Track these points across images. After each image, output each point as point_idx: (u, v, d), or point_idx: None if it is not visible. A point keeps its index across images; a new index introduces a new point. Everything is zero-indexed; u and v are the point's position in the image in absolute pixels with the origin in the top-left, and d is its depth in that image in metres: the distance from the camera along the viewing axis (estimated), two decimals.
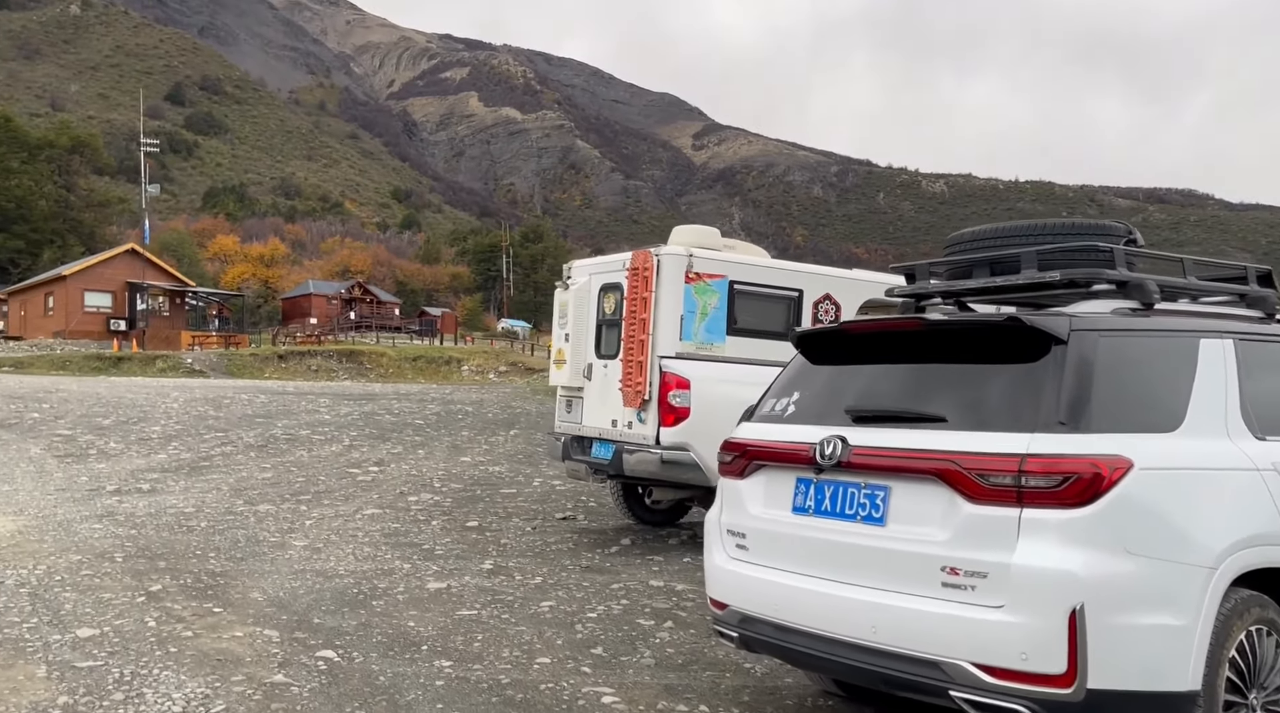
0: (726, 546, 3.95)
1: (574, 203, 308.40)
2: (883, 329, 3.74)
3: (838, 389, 3.75)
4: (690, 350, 7.37)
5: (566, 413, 8.43)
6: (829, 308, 7.89)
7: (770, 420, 3.94)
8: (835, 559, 3.40)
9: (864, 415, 3.49)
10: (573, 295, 8.24)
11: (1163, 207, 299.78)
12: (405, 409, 23.22)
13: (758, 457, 3.82)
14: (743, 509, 3.87)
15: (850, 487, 3.41)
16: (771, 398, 4.07)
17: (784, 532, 3.62)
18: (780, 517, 3.67)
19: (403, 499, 10.22)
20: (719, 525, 4.03)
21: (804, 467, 3.57)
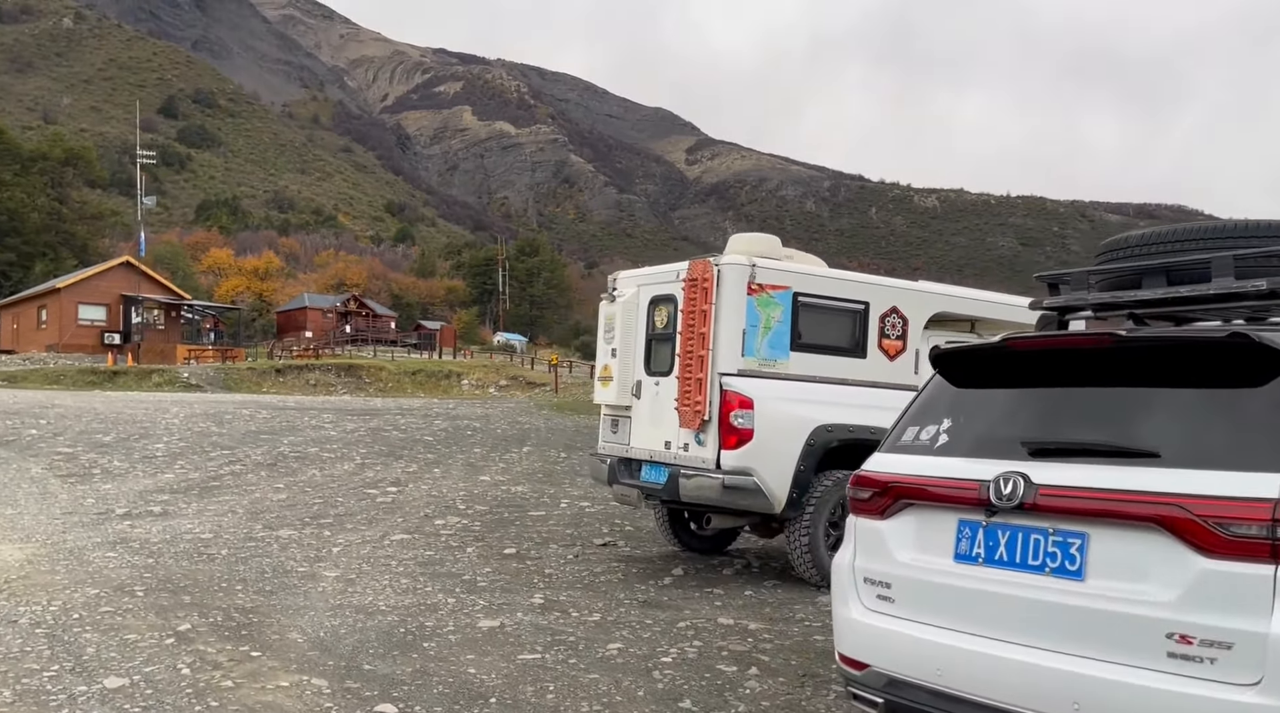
0: (864, 595, 3.45)
1: (568, 216, 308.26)
2: (1061, 346, 3.25)
3: (1004, 417, 3.27)
4: (753, 367, 6.89)
5: (612, 433, 7.94)
6: (896, 322, 7.42)
7: (915, 452, 3.45)
8: (1017, 618, 2.91)
9: (1046, 448, 3.00)
10: (620, 308, 7.76)
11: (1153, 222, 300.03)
12: (412, 425, 22.68)
13: (906, 494, 3.34)
14: (885, 554, 3.38)
15: (1033, 533, 2.93)
16: (910, 425, 3.59)
17: (944, 583, 3.13)
18: (938, 565, 3.18)
19: (429, 523, 9.70)
20: (852, 572, 3.54)
21: (970, 508, 3.09)
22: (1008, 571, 2.97)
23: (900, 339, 7.44)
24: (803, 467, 6.84)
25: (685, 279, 7.03)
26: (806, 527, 6.87)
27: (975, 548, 3.08)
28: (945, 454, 3.31)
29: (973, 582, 3.05)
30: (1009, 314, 8.18)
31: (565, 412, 30.79)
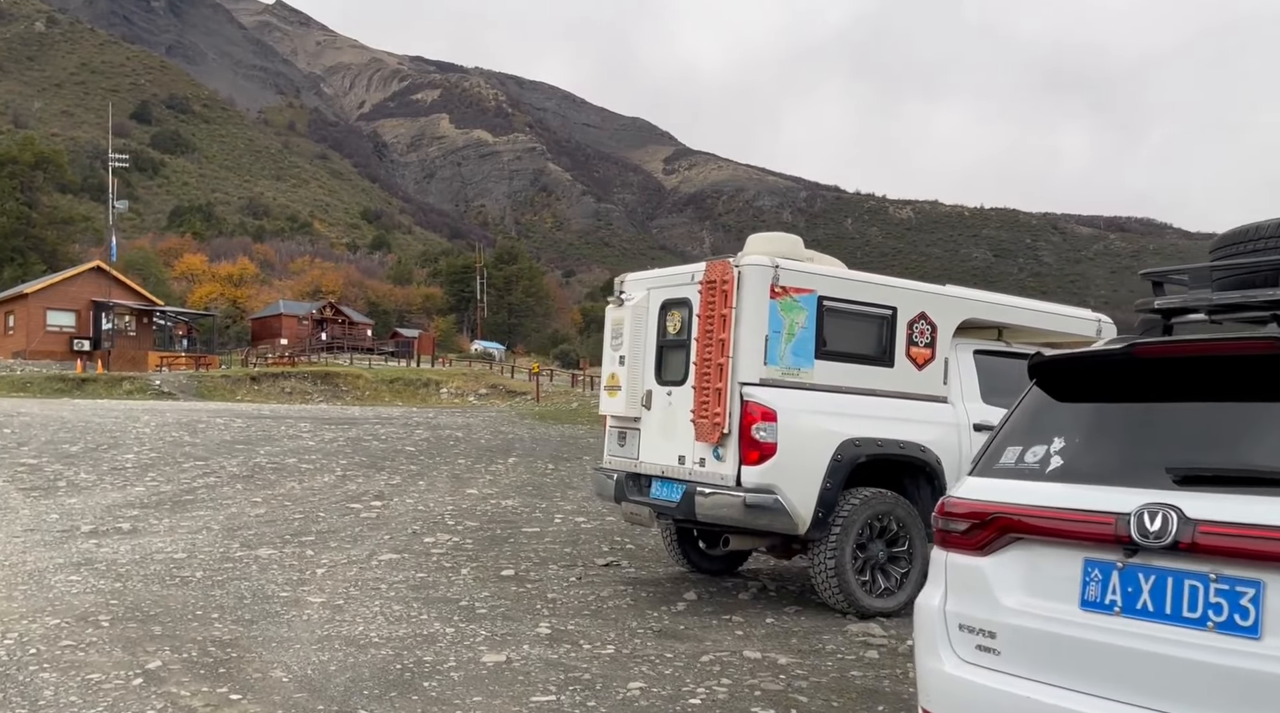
0: (958, 645, 2.95)
1: (545, 225, 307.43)
2: (1207, 353, 2.76)
3: (1137, 437, 2.78)
4: (775, 376, 6.40)
5: (619, 446, 7.41)
6: (924, 329, 6.96)
7: (1021, 476, 2.95)
8: (1167, 681, 2.42)
9: (1200, 476, 2.52)
10: (628, 313, 7.25)
11: (1123, 235, 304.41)
12: (392, 435, 22.04)
13: (1015, 528, 2.84)
14: (987, 598, 2.88)
15: (1188, 578, 2.45)
16: (1009, 444, 3.09)
17: (1067, 634, 2.64)
18: (1058, 612, 2.68)
19: (418, 541, 9.13)
20: (943, 616, 3.04)
21: (1101, 545, 2.60)
22: (1155, 623, 2.48)
23: (929, 347, 6.98)
24: (829, 484, 6.36)
25: (702, 281, 6.53)
26: (833, 549, 6.38)
27: (1109, 594, 2.58)
28: (1062, 480, 2.81)
29: (1106, 635, 2.56)
30: (1041, 321, 7.76)
31: (548, 421, 30.20)
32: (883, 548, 6.61)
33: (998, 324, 7.55)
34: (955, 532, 3.02)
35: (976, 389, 7.19)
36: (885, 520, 6.57)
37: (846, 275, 6.75)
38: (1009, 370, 7.49)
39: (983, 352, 7.39)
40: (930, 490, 6.82)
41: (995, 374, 7.36)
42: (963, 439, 6.95)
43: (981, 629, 2.87)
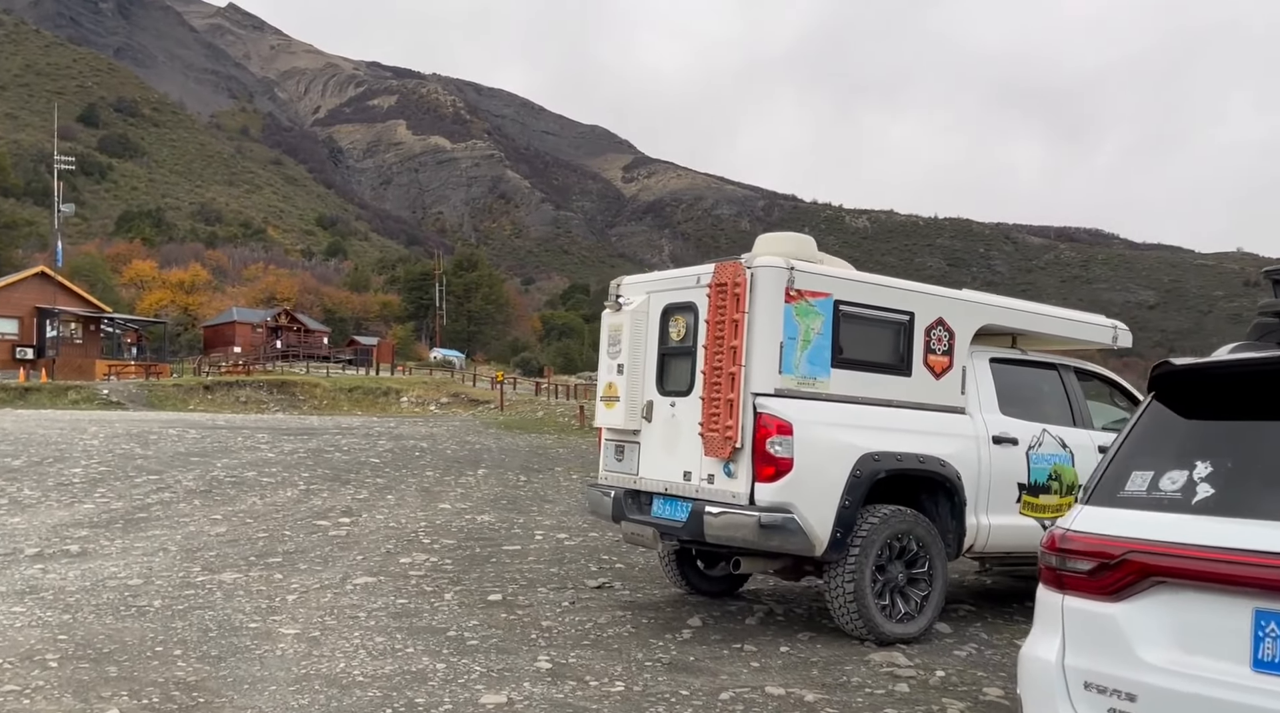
0: (1084, 706, 2.52)
1: (504, 232, 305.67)
2: None
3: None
4: (790, 386, 5.97)
5: (616, 461, 6.93)
6: (942, 335, 6.58)
7: (1160, 507, 2.53)
8: None
9: None
10: (628, 319, 6.78)
11: (1072, 245, 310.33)
12: (355, 446, 21.31)
13: (1158, 570, 2.42)
14: (1123, 653, 2.45)
15: None
16: (1138, 469, 2.66)
17: (1241, 702, 2.21)
18: (1226, 675, 2.26)
19: (394, 561, 8.55)
20: (1061, 672, 2.60)
21: (1275, 593, 2.19)
22: None
23: (947, 355, 6.59)
24: (847, 502, 5.94)
25: (711, 284, 6.08)
26: (851, 572, 5.95)
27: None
28: (1218, 514, 2.39)
29: None
30: (1057, 327, 7.43)
31: (514, 430, 29.57)
32: (902, 570, 6.20)
33: (1015, 330, 7.20)
34: (1076, 572, 2.59)
35: (994, 399, 6.83)
36: (905, 540, 6.16)
37: (863, 278, 6.35)
38: (1026, 380, 7.16)
39: (999, 360, 7.04)
40: (950, 507, 6.44)
41: (1012, 384, 7.01)
42: (982, 453, 6.58)
43: (1117, 690, 2.44)
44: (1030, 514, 6.80)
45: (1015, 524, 6.73)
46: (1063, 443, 6.99)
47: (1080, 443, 7.10)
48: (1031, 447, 6.82)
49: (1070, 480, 6.99)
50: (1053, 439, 6.95)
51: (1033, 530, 6.82)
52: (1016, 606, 7.65)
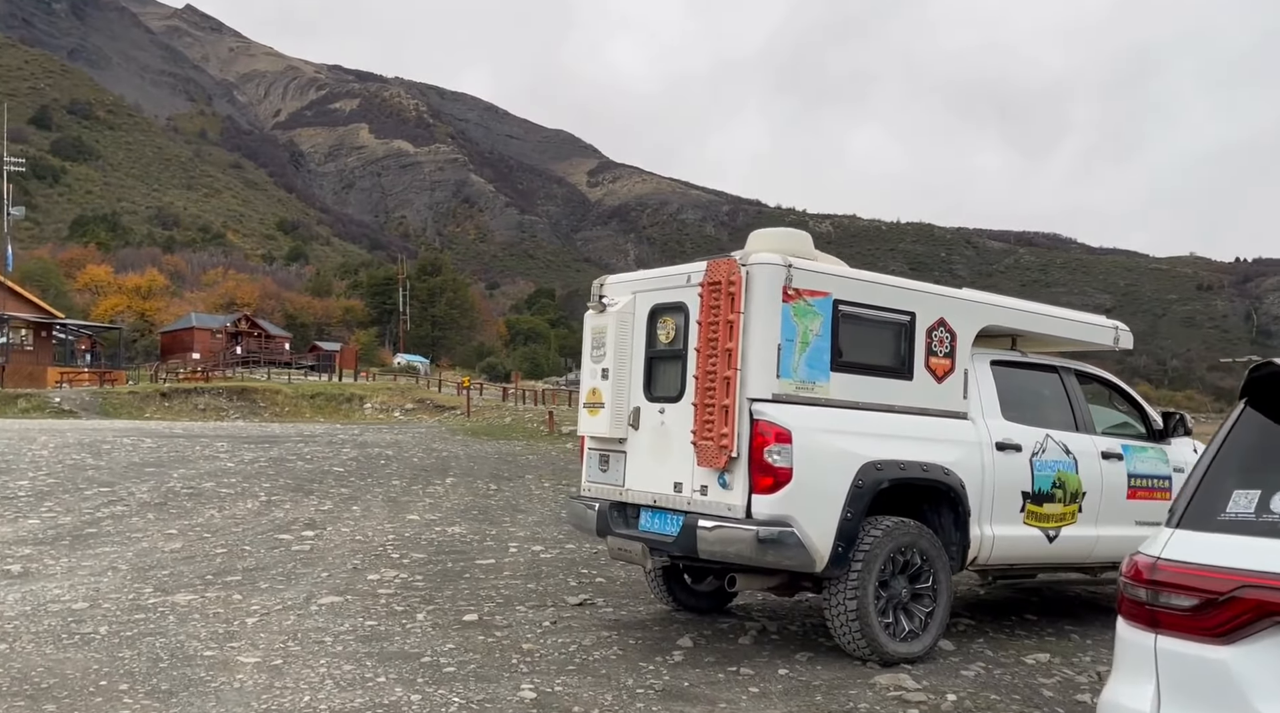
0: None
1: (468, 237, 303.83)
2: None
3: None
4: (788, 391, 5.61)
5: (600, 472, 6.53)
6: (944, 337, 6.26)
7: (1273, 533, 2.17)
8: None
9: None
10: (612, 321, 6.38)
11: (1032, 249, 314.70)
12: (318, 454, 20.70)
13: (1278, 609, 2.06)
14: (1235, 705, 2.09)
15: None
16: (1240, 487, 2.31)
17: None
18: None
19: (361, 578, 8.08)
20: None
21: None
22: None
23: (948, 357, 6.27)
24: (849, 514, 5.58)
25: (703, 283, 5.71)
26: (854, 588, 5.60)
27: None
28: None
29: None
30: (1059, 328, 7.15)
31: (482, 437, 29.03)
32: (906, 585, 5.86)
33: (1016, 331, 6.91)
34: (1174, 609, 2.23)
35: (997, 404, 6.52)
36: (908, 554, 5.82)
37: (863, 277, 6.00)
38: (1028, 383, 6.87)
39: (1000, 362, 6.74)
40: (953, 518, 6.11)
41: (1014, 387, 6.72)
42: (985, 460, 6.27)
43: None
44: (1034, 524, 6.50)
45: (1019, 535, 6.42)
46: (1066, 449, 6.70)
47: (1084, 449, 6.82)
48: (1035, 454, 6.52)
49: (1074, 488, 6.70)
50: (1056, 445, 6.66)
51: (1037, 541, 6.52)
52: (1015, 618, 7.36)
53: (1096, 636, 6.93)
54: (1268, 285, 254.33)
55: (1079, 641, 6.72)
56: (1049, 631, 7.04)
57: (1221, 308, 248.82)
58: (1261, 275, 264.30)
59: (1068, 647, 6.53)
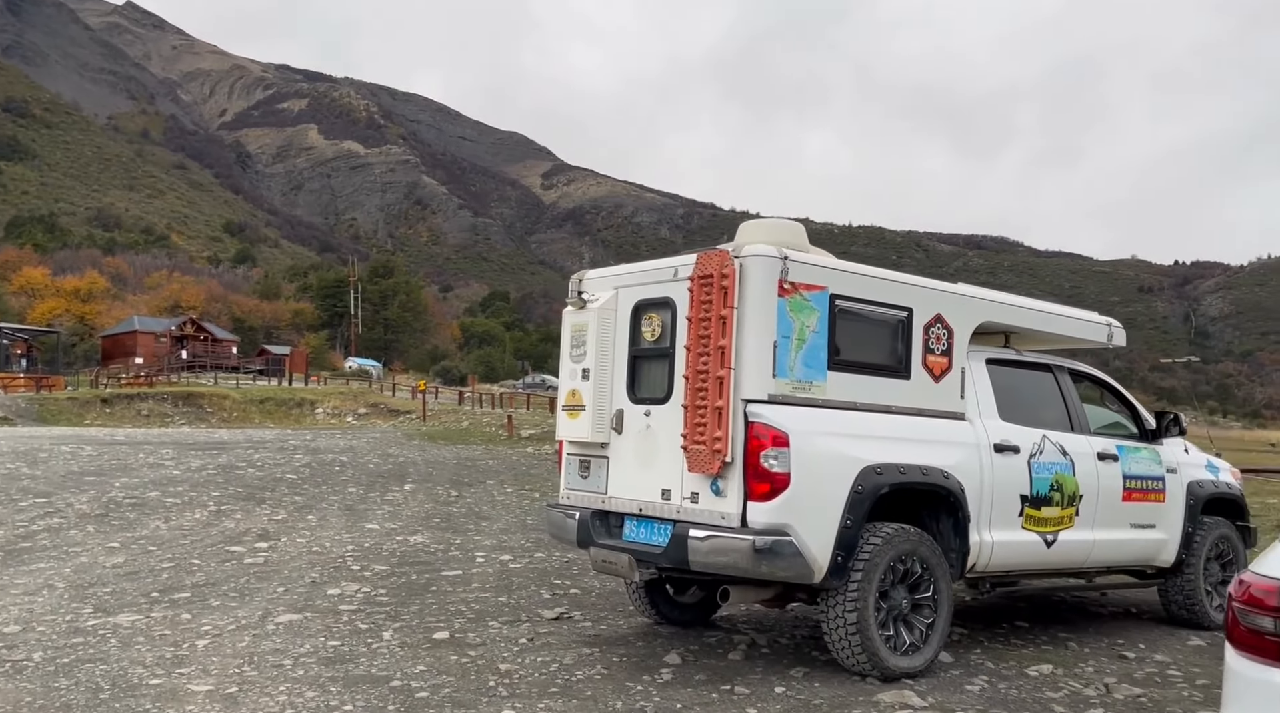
0: None
1: (421, 239, 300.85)
2: None
3: None
4: (785, 391, 5.28)
5: (580, 479, 6.14)
6: (941, 334, 5.98)
7: None
8: None
9: None
10: (593, 318, 6.01)
11: (980, 252, 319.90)
12: (269, 460, 20.01)
13: None
14: None
15: None
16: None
17: None
18: None
19: (321, 593, 7.60)
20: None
21: None
22: None
23: (945, 356, 6.00)
24: (849, 521, 5.27)
25: (693, 276, 5.35)
26: (854, 600, 5.28)
27: None
28: None
29: None
30: (1054, 325, 6.93)
31: (439, 441, 28.43)
32: (906, 595, 5.56)
33: (1011, 328, 6.66)
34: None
35: (993, 404, 6.26)
36: (908, 562, 5.52)
37: (861, 270, 5.70)
38: (1024, 382, 6.63)
39: (995, 361, 6.48)
40: (953, 523, 5.83)
41: (1010, 386, 6.47)
42: (984, 462, 6.00)
43: None
44: (1032, 529, 6.24)
45: (1018, 540, 6.17)
46: (1063, 450, 6.47)
47: (1080, 450, 6.60)
48: (1033, 455, 6.27)
49: (1071, 491, 6.46)
50: (1053, 446, 6.42)
51: (1035, 546, 6.27)
52: (1007, 626, 7.12)
53: (1092, 643, 6.71)
54: (1205, 287, 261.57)
55: (1077, 649, 6.48)
56: (1044, 638, 6.80)
57: (1161, 309, 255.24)
58: (1199, 278, 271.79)
59: (1067, 657, 6.29)
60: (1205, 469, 7.51)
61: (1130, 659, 6.26)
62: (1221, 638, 6.86)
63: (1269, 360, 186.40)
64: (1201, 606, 7.24)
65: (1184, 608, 7.28)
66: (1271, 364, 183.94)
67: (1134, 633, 7.13)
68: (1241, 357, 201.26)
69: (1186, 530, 7.19)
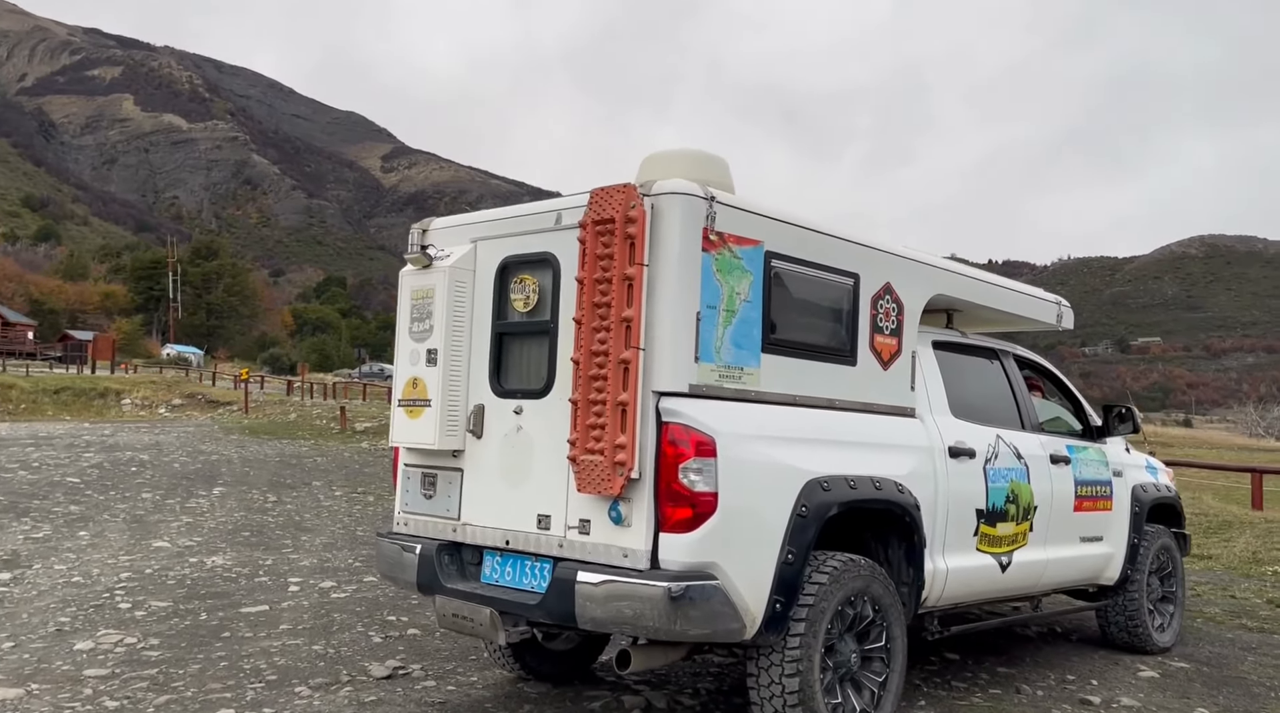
0: None
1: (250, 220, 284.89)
2: None
3: None
4: (710, 381, 3.87)
5: (424, 498, 4.55)
6: (890, 308, 4.71)
7: None
8: None
9: None
10: (442, 280, 4.42)
11: None
12: (49, 460, 17.18)
13: None
14: None
15: None
16: None
17: None
18: None
19: (63, 649, 5.67)
20: None
21: None
22: None
23: (895, 336, 4.75)
24: (790, 554, 3.93)
25: (586, 223, 3.85)
26: (795, 660, 3.94)
27: None
28: None
29: None
30: (1005, 301, 5.81)
31: (262, 436, 25.73)
32: (855, 648, 4.27)
33: (962, 304, 5.48)
34: None
35: (944, 397, 5.07)
36: (859, 604, 4.24)
37: (804, 221, 4.34)
38: (972, 371, 5.48)
39: (942, 344, 5.31)
40: (905, 550, 4.58)
41: (960, 376, 5.30)
42: (939, 470, 4.79)
43: None
44: (986, 550, 5.10)
45: (974, 565, 5.01)
46: (1017, 453, 5.37)
47: (1033, 452, 5.52)
48: (988, 460, 5.12)
49: (1027, 502, 5.37)
50: (1008, 449, 5.31)
51: (990, 571, 5.13)
52: (937, 661, 5.99)
53: (1038, 680, 5.66)
54: None
55: (1030, 693, 5.40)
56: (984, 676, 5.70)
57: None
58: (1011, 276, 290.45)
59: (1021, 705, 5.19)
60: (1146, 471, 6.64)
61: (1094, 705, 5.22)
62: (1173, 668, 5.97)
63: (1069, 355, 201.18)
64: (1144, 627, 6.34)
65: (1125, 630, 6.36)
66: (1070, 357, 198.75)
67: (1076, 663, 6.15)
68: (1046, 350, 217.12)
69: (1132, 542, 6.27)
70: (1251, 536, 11.05)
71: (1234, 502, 14.85)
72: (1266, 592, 8.84)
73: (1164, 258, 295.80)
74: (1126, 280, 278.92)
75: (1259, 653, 6.62)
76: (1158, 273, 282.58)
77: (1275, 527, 11.36)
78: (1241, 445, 41.39)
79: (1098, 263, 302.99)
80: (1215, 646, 6.79)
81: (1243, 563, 10.09)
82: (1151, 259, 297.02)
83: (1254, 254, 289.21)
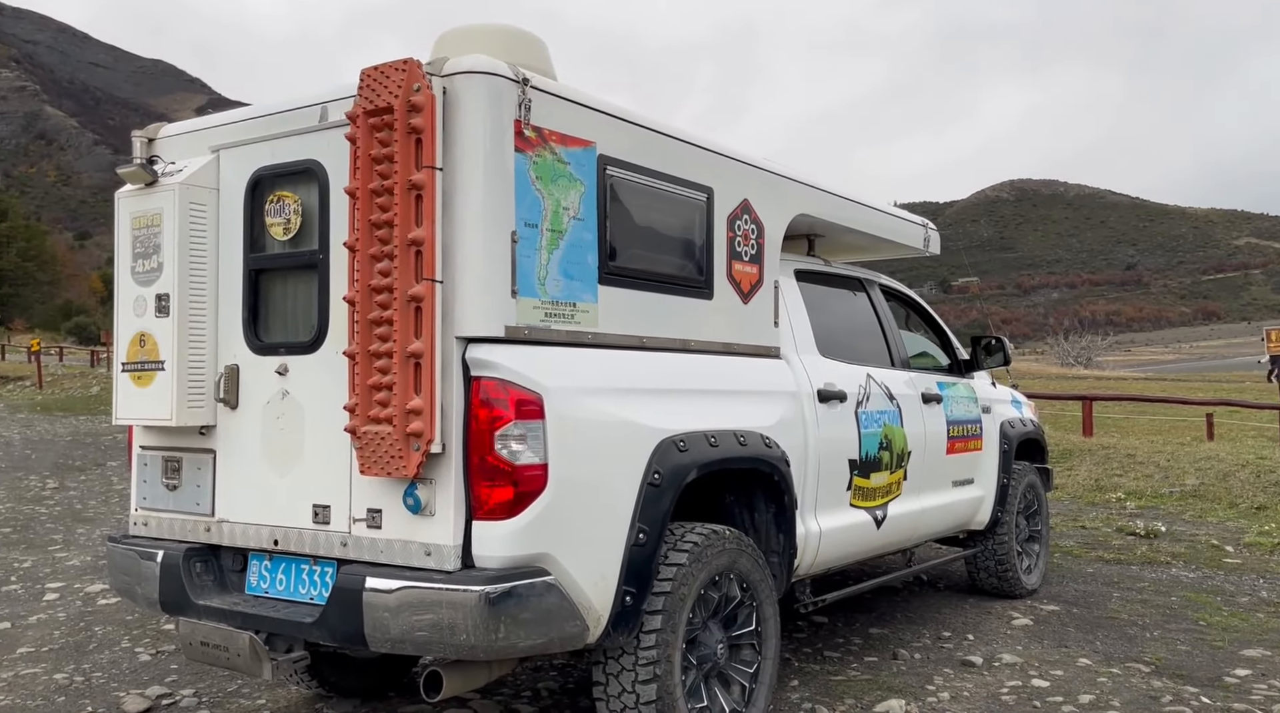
0: None
1: (47, 179, 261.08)
2: None
3: None
4: (533, 322, 3.00)
5: (167, 490, 3.52)
6: (749, 229, 3.96)
7: None
8: None
9: None
10: (172, 201, 3.34)
11: None
12: None
13: None
14: None
15: None
16: None
17: None
18: None
19: None
20: None
21: None
22: None
23: (755, 263, 4.01)
24: (642, 533, 3.15)
25: (358, 115, 2.87)
26: (650, 663, 3.18)
27: None
28: None
29: None
30: (874, 224, 5.15)
31: (54, 413, 23.09)
32: (722, 636, 3.55)
33: (826, 226, 4.79)
34: None
35: (810, 334, 4.39)
36: (724, 585, 3.52)
37: (644, 120, 3.48)
38: (839, 304, 4.83)
39: (806, 274, 4.62)
40: (773, 513, 3.89)
41: (825, 309, 4.64)
42: (808, 417, 4.12)
43: None
44: (861, 504, 4.50)
45: (848, 523, 4.39)
46: (889, 394, 4.78)
47: (904, 391, 4.95)
48: (860, 403, 4.50)
49: (900, 447, 4.80)
50: (880, 389, 4.70)
51: (865, 529, 4.54)
52: (805, 625, 5.42)
53: (913, 640, 5.18)
54: None
55: (908, 658, 4.88)
56: (856, 642, 5.17)
57: None
58: None
59: (903, 674, 4.66)
60: (1012, 406, 6.26)
61: (977, 667, 4.75)
62: (1044, 612, 5.62)
63: None
64: (1014, 571, 5.98)
65: (995, 575, 5.99)
66: None
67: (948, 615, 5.72)
68: None
69: (1001, 483, 5.87)
70: (1091, 463, 11.19)
71: (1062, 429, 15.27)
72: (1114, 519, 8.83)
73: (980, 202, 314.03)
74: (947, 224, 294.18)
75: (1123, 588, 6.41)
76: (974, 217, 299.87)
77: (1111, 453, 11.58)
78: (1057, 375, 43.98)
79: (921, 208, 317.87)
80: (1079, 583, 6.56)
81: (1087, 491, 10.14)
82: (969, 203, 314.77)
83: (1057, 197, 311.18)
